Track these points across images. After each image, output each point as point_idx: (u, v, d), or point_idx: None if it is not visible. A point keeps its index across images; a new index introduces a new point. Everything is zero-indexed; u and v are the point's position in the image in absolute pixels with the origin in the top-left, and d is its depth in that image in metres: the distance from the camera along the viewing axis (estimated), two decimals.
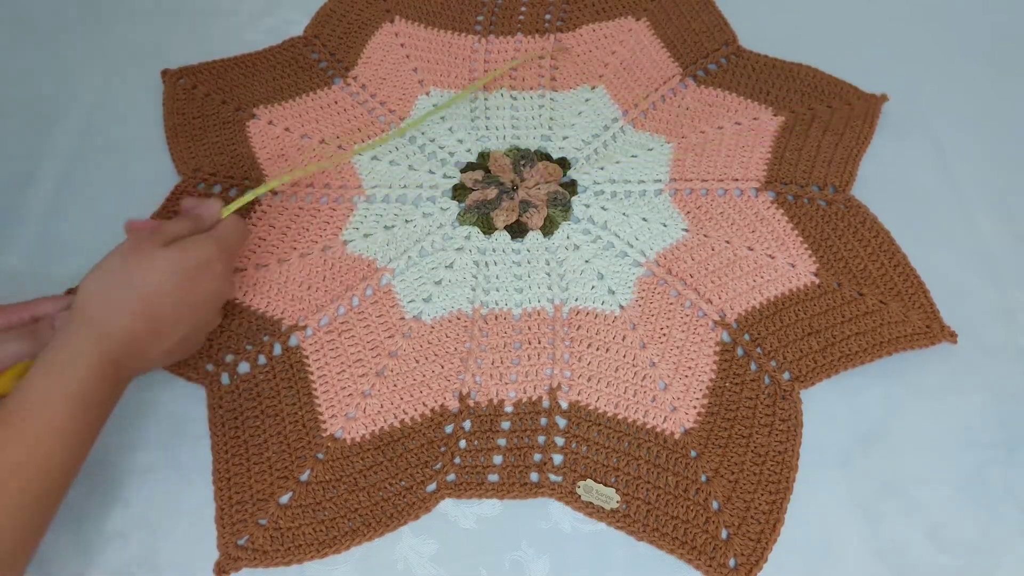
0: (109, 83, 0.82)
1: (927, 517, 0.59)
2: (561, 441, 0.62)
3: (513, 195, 0.74)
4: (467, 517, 0.59)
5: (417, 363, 0.65)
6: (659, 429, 0.62)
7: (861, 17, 0.88)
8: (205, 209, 0.59)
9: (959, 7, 0.89)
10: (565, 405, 0.63)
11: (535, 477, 0.60)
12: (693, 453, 0.61)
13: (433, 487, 0.59)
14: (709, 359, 0.65)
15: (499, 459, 0.61)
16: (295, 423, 0.62)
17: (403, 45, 0.84)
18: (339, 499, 0.59)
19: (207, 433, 0.62)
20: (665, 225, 0.72)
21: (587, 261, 0.70)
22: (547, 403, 0.63)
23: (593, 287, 0.69)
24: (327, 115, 0.79)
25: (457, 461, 0.60)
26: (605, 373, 0.64)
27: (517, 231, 0.72)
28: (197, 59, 0.82)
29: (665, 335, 0.66)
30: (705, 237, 0.72)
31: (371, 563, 0.57)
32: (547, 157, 0.77)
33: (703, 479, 0.60)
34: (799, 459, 0.61)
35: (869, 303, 0.67)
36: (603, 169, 0.76)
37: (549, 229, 0.72)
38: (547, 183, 0.75)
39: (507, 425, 0.62)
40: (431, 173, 0.76)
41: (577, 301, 0.68)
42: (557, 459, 0.61)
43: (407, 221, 0.73)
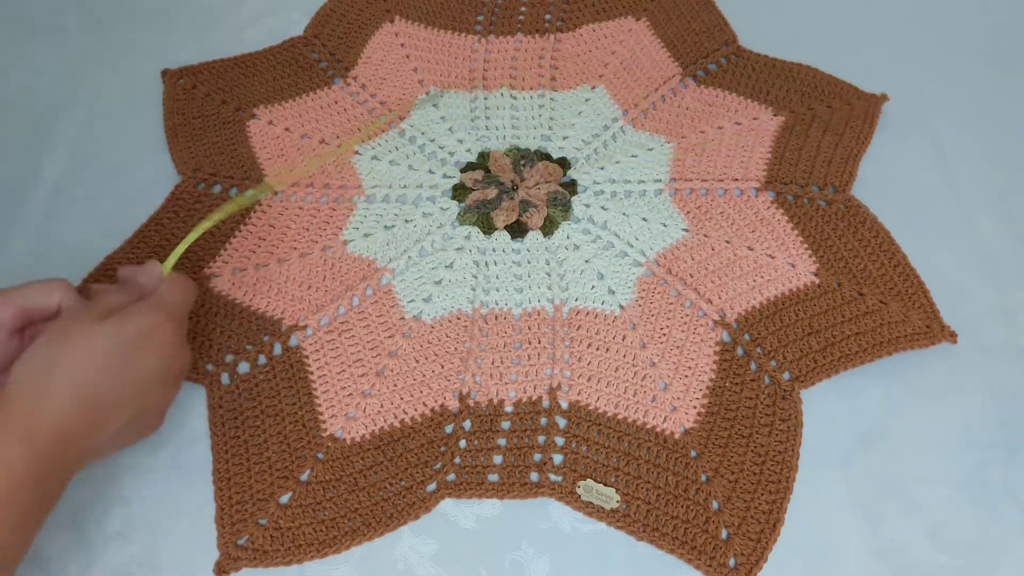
0: (109, 83, 0.82)
1: (927, 517, 0.59)
2: (561, 441, 0.61)
3: (513, 195, 0.74)
4: (467, 517, 0.59)
5: (417, 363, 0.65)
6: (659, 429, 0.62)
7: (861, 17, 0.88)
8: (144, 274, 0.54)
9: (959, 7, 0.89)
10: (565, 405, 0.63)
11: (535, 477, 0.60)
12: (693, 453, 0.61)
13: (433, 487, 0.59)
14: (709, 359, 0.65)
15: (499, 459, 0.61)
16: (295, 423, 0.62)
17: (403, 45, 0.84)
18: (339, 499, 0.59)
19: (207, 433, 0.62)
20: (665, 225, 0.72)
21: (587, 261, 0.70)
22: (547, 403, 0.63)
23: (593, 287, 0.69)
24: (327, 115, 0.79)
25: (457, 461, 0.60)
26: (605, 373, 0.64)
27: (517, 231, 0.72)
28: (197, 59, 0.82)
29: (665, 335, 0.66)
30: (705, 237, 0.72)
31: (371, 563, 0.57)
32: (547, 157, 0.77)
33: (703, 479, 0.60)
34: (799, 459, 0.61)
35: (869, 303, 0.67)
36: (603, 169, 0.76)
37: (549, 229, 0.72)
38: (547, 183, 0.75)
39: (507, 425, 0.62)
40: (431, 173, 0.76)
41: (577, 301, 0.68)
42: (557, 459, 0.61)
43: (407, 221, 0.73)
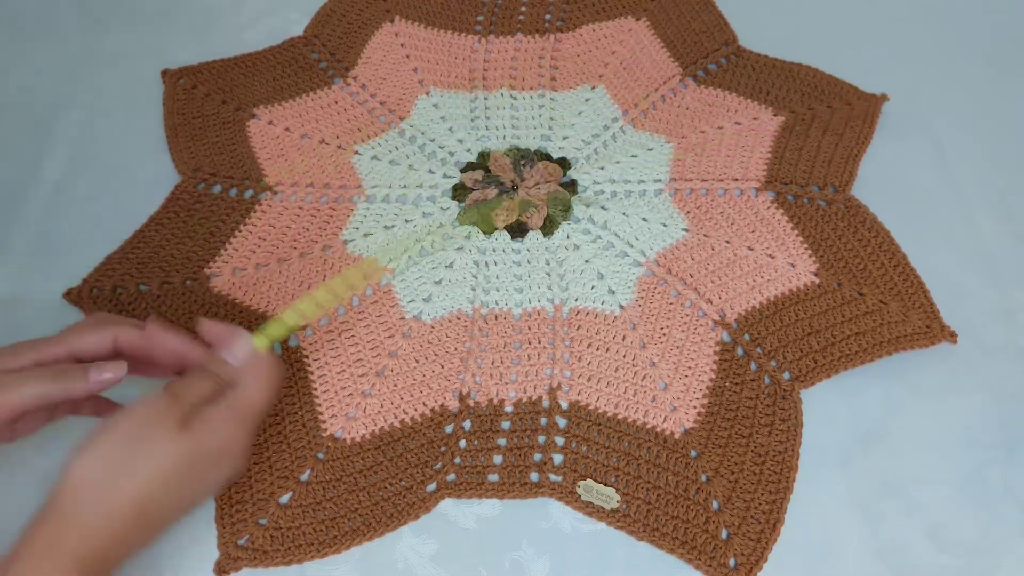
0: (109, 83, 0.82)
1: (927, 517, 0.59)
2: (561, 441, 0.61)
3: (513, 195, 0.74)
4: (467, 517, 0.59)
5: (417, 363, 0.65)
6: (659, 429, 0.62)
7: (861, 17, 0.88)
8: (232, 352, 0.49)
9: (959, 7, 0.89)
10: (565, 405, 0.63)
11: (535, 477, 0.60)
12: (693, 453, 0.61)
13: (433, 487, 0.59)
14: (709, 359, 0.65)
15: (499, 459, 0.61)
16: (295, 423, 0.62)
17: (403, 45, 0.84)
18: (339, 499, 0.59)
19: None
20: (665, 225, 0.72)
21: (587, 261, 0.70)
22: (547, 403, 0.63)
23: (593, 287, 0.69)
24: (327, 115, 0.79)
25: (457, 461, 0.60)
26: (605, 373, 0.64)
27: (517, 231, 0.72)
28: (197, 59, 0.82)
29: (665, 335, 0.66)
30: (705, 237, 0.71)
31: (371, 563, 0.57)
32: (547, 157, 0.77)
33: (703, 479, 0.60)
34: (799, 459, 0.61)
35: (869, 303, 0.67)
36: (603, 169, 0.76)
37: (549, 229, 0.72)
38: (547, 183, 0.75)
39: (507, 425, 0.62)
40: (431, 173, 0.76)
41: (577, 301, 0.68)
42: (557, 459, 0.61)
43: (407, 221, 0.73)
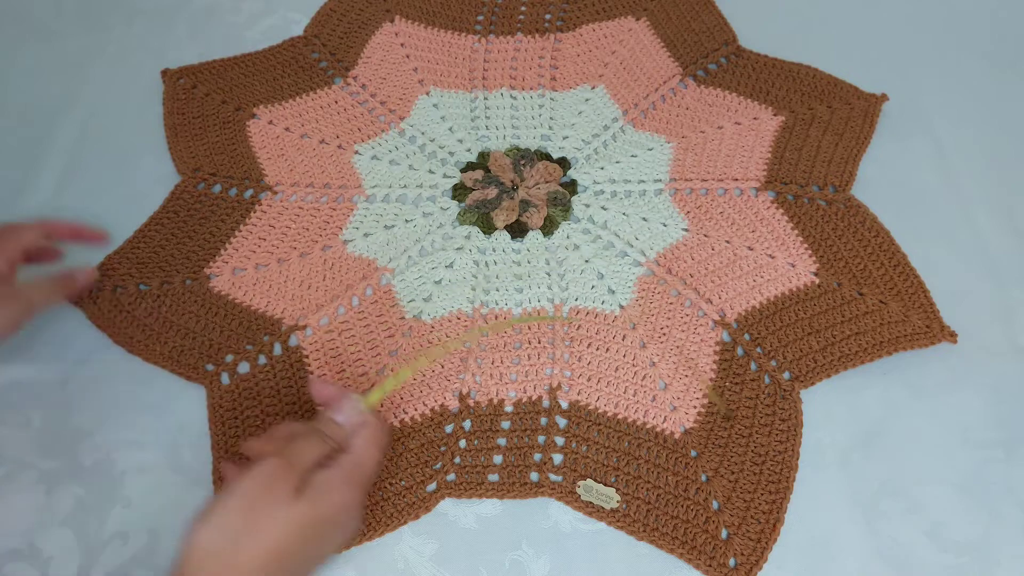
0: (109, 83, 0.82)
1: (927, 517, 0.59)
2: (561, 441, 0.61)
3: (513, 195, 0.74)
4: (467, 517, 0.59)
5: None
6: (659, 429, 0.62)
7: (861, 17, 0.88)
8: (343, 411, 0.51)
9: (959, 7, 0.88)
10: (565, 405, 0.63)
11: (535, 477, 0.60)
12: (693, 453, 0.61)
13: (433, 487, 0.59)
14: (709, 359, 0.65)
15: (499, 459, 0.61)
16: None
17: (403, 45, 0.84)
18: None
19: (207, 432, 0.62)
20: (665, 225, 0.72)
21: (587, 261, 0.70)
22: (547, 403, 0.63)
23: (593, 287, 0.69)
24: (327, 115, 0.79)
25: (457, 461, 0.60)
26: (605, 373, 0.64)
27: (517, 231, 0.72)
28: (197, 59, 0.82)
29: (665, 335, 0.66)
30: (705, 237, 0.71)
31: (371, 563, 0.57)
32: (547, 157, 0.77)
33: (703, 479, 0.60)
34: (799, 459, 0.61)
35: (869, 303, 0.67)
36: (603, 169, 0.76)
37: (549, 229, 0.72)
38: (547, 183, 0.75)
39: (507, 425, 0.62)
40: (431, 173, 0.76)
41: (577, 301, 0.68)
42: (557, 459, 0.61)
43: (407, 221, 0.73)
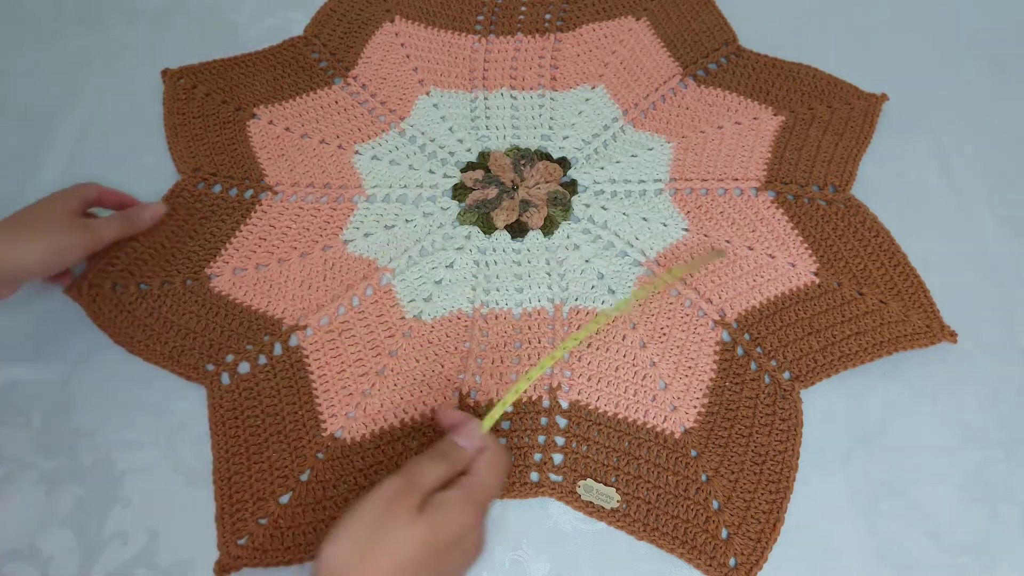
0: (109, 83, 0.82)
1: (927, 517, 0.59)
2: (561, 441, 0.62)
3: (513, 195, 0.74)
4: None
5: (417, 362, 0.65)
6: (659, 428, 0.62)
7: (861, 17, 0.88)
8: (464, 435, 0.52)
9: (959, 7, 0.89)
10: (565, 405, 0.63)
11: (535, 477, 0.60)
12: (693, 452, 0.61)
13: None
14: (709, 358, 0.65)
15: None
16: (295, 423, 0.62)
17: (403, 45, 0.84)
18: (339, 499, 0.59)
19: (207, 432, 0.62)
20: (665, 225, 0.72)
21: (587, 261, 0.70)
22: (547, 403, 0.63)
23: (593, 287, 0.69)
24: (327, 115, 0.79)
25: None
26: (605, 373, 0.64)
27: (517, 231, 0.72)
28: (197, 59, 0.82)
29: (665, 334, 0.66)
30: (705, 237, 0.71)
31: None
32: (547, 157, 0.77)
33: (703, 478, 0.60)
34: (799, 459, 0.61)
35: (869, 303, 0.67)
36: (603, 169, 0.76)
37: (549, 229, 0.72)
38: (547, 183, 0.75)
39: (507, 425, 0.62)
40: (431, 173, 0.76)
41: (577, 301, 0.68)
42: (557, 459, 0.61)
43: (407, 221, 0.73)
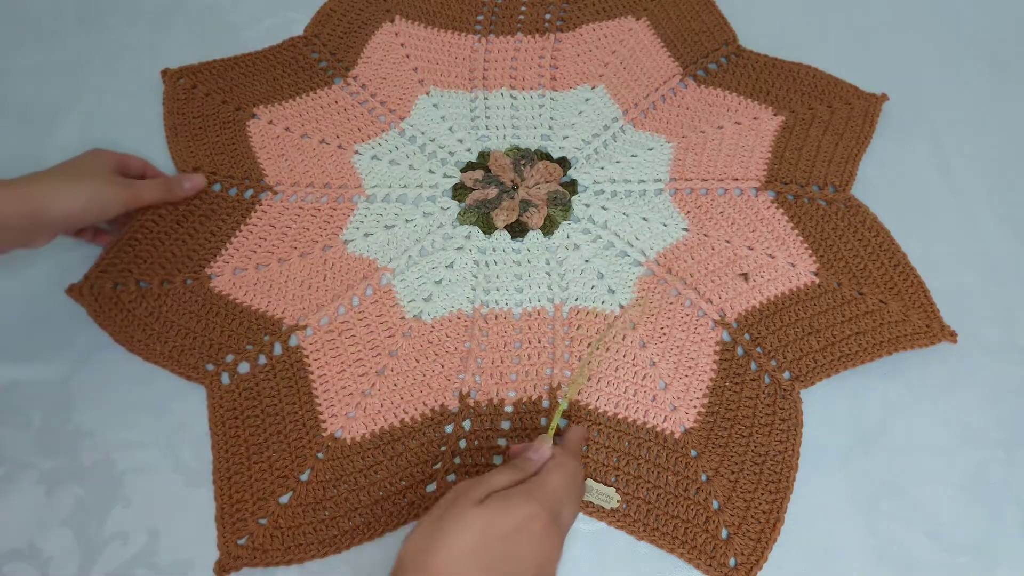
0: (109, 83, 0.82)
1: (927, 516, 0.59)
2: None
3: (513, 195, 0.74)
4: None
5: (417, 362, 0.65)
6: (659, 428, 0.62)
7: (861, 17, 0.88)
8: (534, 450, 0.54)
9: (959, 7, 0.89)
10: (565, 405, 0.63)
11: None
12: (693, 452, 0.61)
13: (433, 487, 0.59)
14: (709, 358, 0.65)
15: (499, 459, 0.61)
16: (295, 423, 0.62)
17: (403, 45, 0.84)
18: (339, 498, 0.59)
19: (207, 432, 0.62)
20: (665, 224, 0.72)
21: (587, 261, 0.70)
22: (547, 403, 0.63)
23: (593, 287, 0.69)
24: (327, 115, 0.79)
25: (457, 461, 0.60)
26: (605, 372, 0.64)
27: (517, 231, 0.72)
28: (197, 59, 0.82)
29: (665, 334, 0.66)
30: (705, 236, 0.71)
31: (371, 563, 0.57)
32: (547, 157, 0.77)
33: (703, 478, 0.60)
34: (799, 459, 0.61)
35: (869, 303, 0.67)
36: (603, 169, 0.76)
37: (549, 229, 0.72)
38: (547, 183, 0.75)
39: (507, 425, 0.62)
40: (431, 173, 0.76)
41: (577, 301, 0.68)
42: None
43: (407, 221, 0.73)
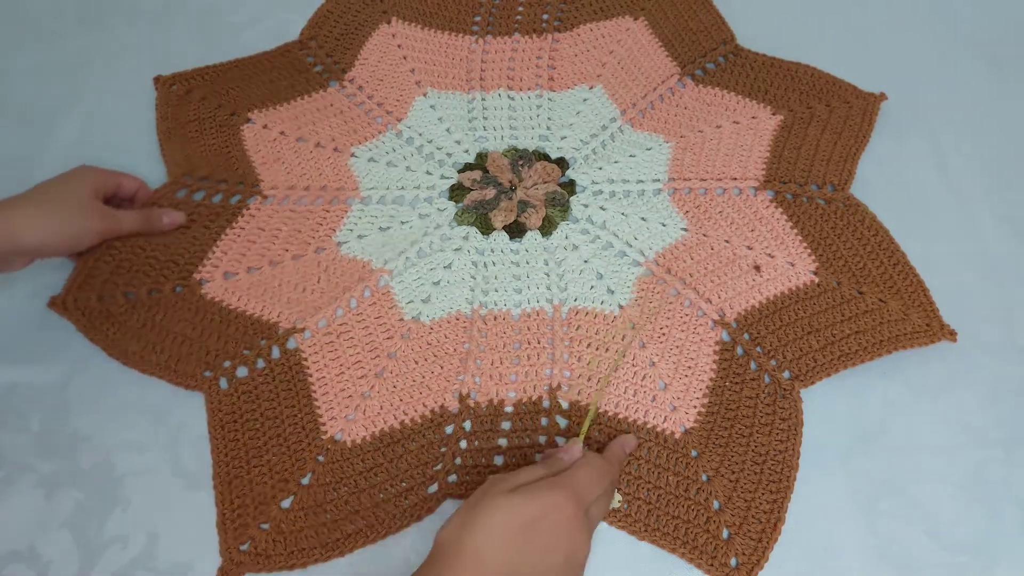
0: (109, 83, 0.82)
1: (927, 516, 0.59)
2: (562, 441, 0.61)
3: (511, 195, 0.74)
4: None
5: (416, 364, 0.65)
6: (659, 429, 0.62)
7: (859, 16, 0.88)
8: (565, 451, 0.55)
9: (957, 6, 0.89)
10: (565, 405, 0.63)
11: None
12: (694, 452, 0.61)
13: (434, 488, 0.59)
14: (709, 358, 0.65)
15: (500, 459, 0.61)
16: (295, 426, 0.62)
17: (400, 46, 0.84)
18: (341, 501, 0.58)
19: (207, 435, 0.61)
20: (664, 224, 0.72)
21: (586, 261, 0.70)
22: (547, 403, 0.63)
23: (592, 287, 0.69)
24: (323, 117, 0.79)
25: (458, 462, 0.60)
26: (602, 373, 0.64)
27: (515, 231, 0.72)
28: (197, 59, 0.82)
29: (664, 335, 0.66)
30: (704, 236, 0.71)
31: (372, 565, 0.57)
32: (545, 157, 0.77)
33: (704, 478, 0.60)
34: (800, 458, 0.61)
35: (868, 301, 0.67)
36: (601, 169, 0.76)
37: (548, 229, 0.72)
38: (545, 183, 0.75)
39: (507, 425, 0.62)
40: (428, 174, 0.76)
41: (576, 301, 0.68)
42: None
43: (403, 222, 0.72)
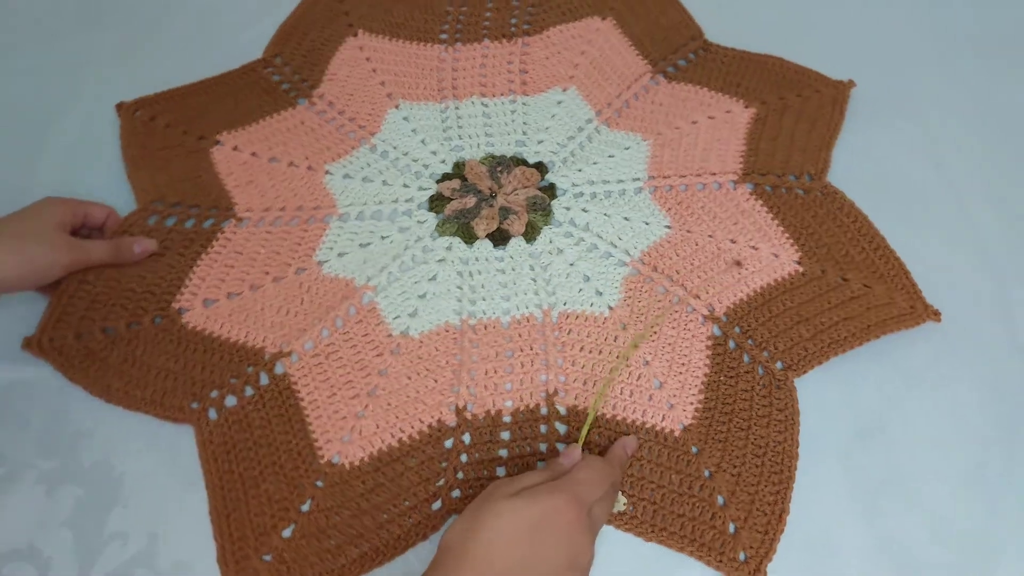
0: (109, 83, 0.81)
1: (927, 511, 0.59)
2: (563, 447, 0.61)
3: (492, 202, 0.73)
4: None
5: (409, 380, 0.64)
6: (658, 428, 0.62)
7: (828, 6, 0.89)
8: (566, 455, 0.55)
9: None
10: (563, 410, 0.62)
11: None
12: (694, 449, 0.60)
13: (439, 505, 0.58)
14: (702, 354, 0.65)
15: (502, 470, 0.60)
16: (290, 452, 0.60)
17: (368, 59, 0.83)
18: (343, 526, 0.57)
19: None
20: (647, 223, 0.72)
21: (572, 264, 0.70)
22: (545, 410, 0.62)
23: (580, 290, 0.68)
24: (294, 136, 0.77)
25: (460, 476, 0.59)
26: (600, 375, 0.64)
27: (499, 238, 0.71)
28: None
29: (656, 333, 0.66)
30: (688, 232, 0.71)
31: (377, 569, 0.56)
32: (524, 162, 0.76)
33: (706, 475, 0.59)
34: (799, 447, 0.61)
35: (854, 288, 0.67)
36: (581, 171, 0.75)
37: (531, 234, 0.72)
38: (525, 188, 0.74)
39: (507, 435, 0.62)
40: (406, 187, 0.75)
41: (565, 305, 0.68)
42: None
43: (383, 237, 0.71)
